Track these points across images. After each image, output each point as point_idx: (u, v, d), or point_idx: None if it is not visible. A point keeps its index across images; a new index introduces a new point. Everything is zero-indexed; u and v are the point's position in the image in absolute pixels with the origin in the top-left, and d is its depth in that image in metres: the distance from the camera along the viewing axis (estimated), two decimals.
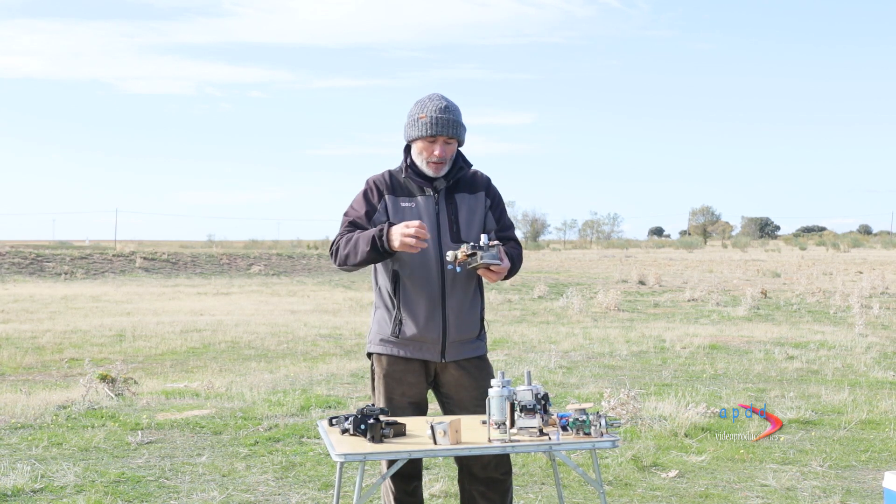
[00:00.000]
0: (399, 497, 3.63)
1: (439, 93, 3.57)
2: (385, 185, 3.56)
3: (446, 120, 3.46)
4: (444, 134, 3.46)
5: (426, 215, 3.49)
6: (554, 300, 20.93)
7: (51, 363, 11.01)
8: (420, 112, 3.49)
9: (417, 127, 3.48)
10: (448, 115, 3.47)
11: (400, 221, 3.43)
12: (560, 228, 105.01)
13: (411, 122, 3.51)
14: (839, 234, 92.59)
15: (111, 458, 5.70)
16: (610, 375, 9.42)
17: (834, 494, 4.99)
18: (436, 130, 3.45)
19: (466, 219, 3.54)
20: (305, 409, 7.26)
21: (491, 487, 3.57)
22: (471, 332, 3.60)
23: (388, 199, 3.52)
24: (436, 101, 3.50)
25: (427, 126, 3.45)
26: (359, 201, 3.57)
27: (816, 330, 14.12)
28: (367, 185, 3.58)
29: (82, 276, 32.33)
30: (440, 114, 3.46)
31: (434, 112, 3.46)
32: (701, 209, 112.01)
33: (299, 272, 36.78)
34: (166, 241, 75.69)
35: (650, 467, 5.53)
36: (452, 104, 3.53)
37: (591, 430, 3.13)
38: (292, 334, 14.16)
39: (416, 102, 3.55)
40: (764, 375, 9.42)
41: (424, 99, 3.54)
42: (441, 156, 3.47)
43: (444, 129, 3.45)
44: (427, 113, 3.47)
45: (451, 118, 3.48)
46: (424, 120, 3.46)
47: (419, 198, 3.52)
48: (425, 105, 3.50)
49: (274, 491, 5.02)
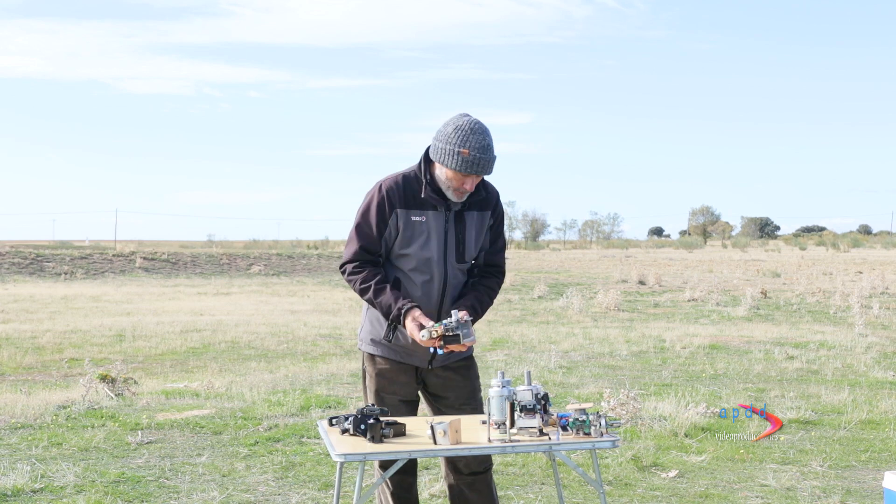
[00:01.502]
0: (396, 492, 3.68)
1: (475, 119, 3.41)
2: (398, 196, 3.46)
3: (486, 161, 3.36)
4: (481, 174, 3.39)
5: (435, 231, 3.49)
6: (554, 300, 20.94)
7: (51, 363, 11.01)
8: (462, 146, 3.34)
9: (455, 159, 3.35)
10: (488, 156, 3.36)
11: (410, 236, 3.46)
12: (560, 228, 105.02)
13: (449, 150, 3.36)
14: (839, 234, 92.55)
15: (111, 458, 5.70)
16: (610, 375, 9.42)
17: (834, 494, 4.99)
18: (474, 170, 3.36)
19: (472, 238, 3.56)
20: (305, 409, 7.27)
21: (477, 479, 3.66)
22: None
23: (400, 212, 3.46)
24: (478, 137, 3.35)
25: (467, 164, 3.34)
26: (371, 214, 3.48)
27: (816, 330, 14.12)
28: (380, 195, 3.47)
29: (82, 276, 32.33)
30: (481, 153, 3.34)
31: (476, 151, 3.33)
32: (701, 209, 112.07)
33: (299, 272, 36.79)
34: (166, 241, 75.70)
35: (650, 467, 5.53)
36: (490, 138, 3.39)
37: (591, 430, 3.13)
38: (292, 334, 14.16)
39: (456, 128, 3.37)
40: (764, 375, 9.42)
41: (465, 127, 3.37)
42: (470, 190, 3.44)
43: (482, 170, 3.37)
44: (470, 149, 3.33)
45: (491, 158, 3.37)
46: (466, 157, 3.33)
47: (430, 212, 3.48)
48: (467, 138, 3.34)
49: (274, 491, 5.02)
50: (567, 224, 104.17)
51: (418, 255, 3.48)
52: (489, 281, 3.64)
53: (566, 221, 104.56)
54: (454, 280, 3.54)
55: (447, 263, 3.51)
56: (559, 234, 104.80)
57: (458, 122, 3.39)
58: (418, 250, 3.48)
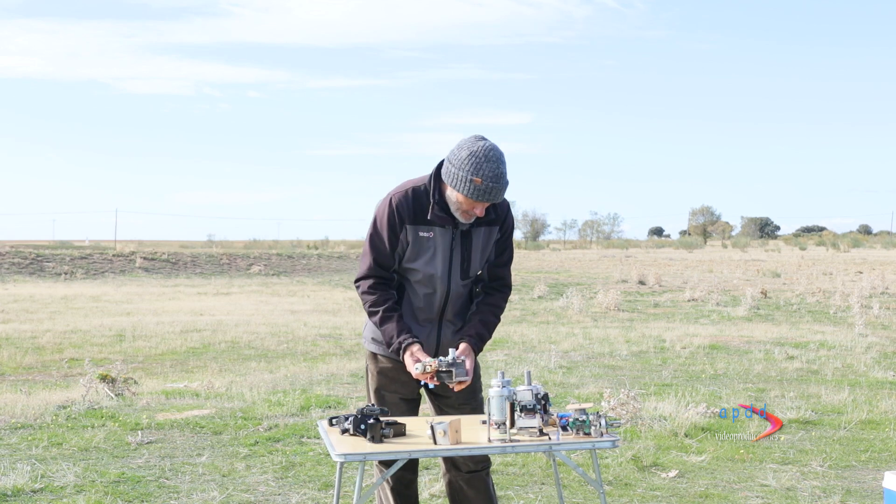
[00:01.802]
0: (396, 488, 3.70)
1: (490, 144, 3.34)
2: (408, 211, 3.45)
3: (499, 190, 3.32)
4: (492, 202, 3.37)
5: (441, 248, 3.49)
6: (554, 300, 20.93)
7: (51, 363, 11.01)
8: (474, 173, 3.29)
9: (467, 186, 3.31)
10: (500, 185, 3.32)
11: (418, 251, 3.48)
12: (560, 228, 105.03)
13: (462, 176, 3.31)
14: (839, 234, 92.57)
15: (111, 458, 5.70)
16: (610, 375, 9.42)
17: (834, 494, 4.99)
18: (485, 198, 3.33)
19: (478, 254, 3.57)
20: (305, 409, 7.27)
21: (475, 476, 3.69)
22: None
23: (409, 228, 3.47)
24: (492, 165, 3.29)
25: (479, 193, 3.31)
26: (383, 229, 3.48)
27: (816, 330, 14.12)
28: (391, 209, 3.46)
29: (82, 276, 32.33)
30: (493, 182, 3.29)
31: (489, 180, 3.29)
32: (701, 209, 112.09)
33: (299, 272, 36.79)
34: (166, 241, 75.69)
35: (650, 467, 5.53)
36: (504, 165, 3.34)
37: (591, 430, 3.13)
38: (292, 334, 14.16)
39: (470, 154, 3.31)
40: (764, 375, 9.42)
41: (479, 154, 3.31)
42: (480, 215, 3.42)
43: (493, 198, 3.34)
44: (482, 178, 3.28)
45: (503, 187, 3.34)
46: (478, 185, 3.29)
47: (438, 229, 3.48)
48: (480, 165, 3.29)
49: (274, 491, 5.02)
50: (567, 224, 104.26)
51: (423, 270, 3.51)
52: (494, 298, 3.64)
53: (566, 221, 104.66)
54: (456, 293, 3.57)
55: (451, 280, 3.54)
56: (559, 234, 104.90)
57: (473, 146, 3.33)
58: (424, 266, 3.50)
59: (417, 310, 3.56)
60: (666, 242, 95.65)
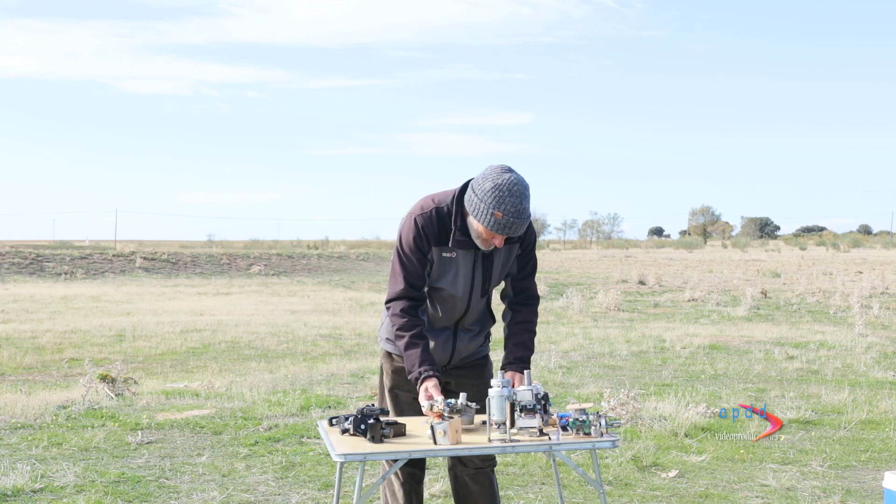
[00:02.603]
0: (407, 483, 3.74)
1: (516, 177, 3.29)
2: (433, 232, 3.44)
3: (520, 225, 3.30)
4: (510, 235, 3.35)
5: (463, 269, 3.51)
6: (554, 300, 20.94)
7: (51, 363, 11.00)
8: (497, 207, 3.25)
9: (488, 219, 3.28)
10: (522, 221, 3.29)
11: (442, 272, 3.50)
12: (560, 228, 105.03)
13: (483, 209, 3.28)
14: (839, 234, 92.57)
15: (111, 458, 5.70)
16: (610, 375, 9.42)
17: (834, 494, 4.99)
18: (506, 233, 3.31)
19: (498, 271, 3.59)
20: (305, 409, 7.26)
21: (479, 472, 3.72)
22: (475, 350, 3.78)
23: (434, 250, 3.48)
24: (515, 200, 3.25)
25: (499, 227, 3.28)
26: (411, 250, 3.47)
27: (816, 330, 14.12)
28: (417, 230, 3.45)
29: (82, 276, 32.32)
30: (515, 218, 3.26)
31: (510, 216, 3.26)
32: (701, 209, 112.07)
33: (299, 272, 36.78)
34: (166, 241, 75.62)
35: (650, 467, 5.53)
36: (528, 199, 3.30)
37: (591, 430, 3.13)
38: (292, 334, 14.16)
39: (494, 186, 3.26)
40: (764, 375, 9.42)
41: (503, 187, 3.25)
42: (499, 246, 3.42)
43: (514, 233, 3.33)
44: (504, 213, 3.25)
45: (524, 222, 3.31)
46: (499, 219, 3.26)
47: (460, 251, 3.49)
48: (503, 200, 3.24)
49: (274, 491, 5.02)
50: (567, 224, 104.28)
51: (447, 290, 3.54)
52: (524, 314, 3.67)
53: (566, 221, 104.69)
54: (475, 307, 3.63)
55: (472, 298, 3.58)
56: (559, 234, 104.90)
57: (498, 179, 3.28)
58: (447, 285, 3.53)
59: (435, 318, 3.60)
60: (666, 242, 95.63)
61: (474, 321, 3.68)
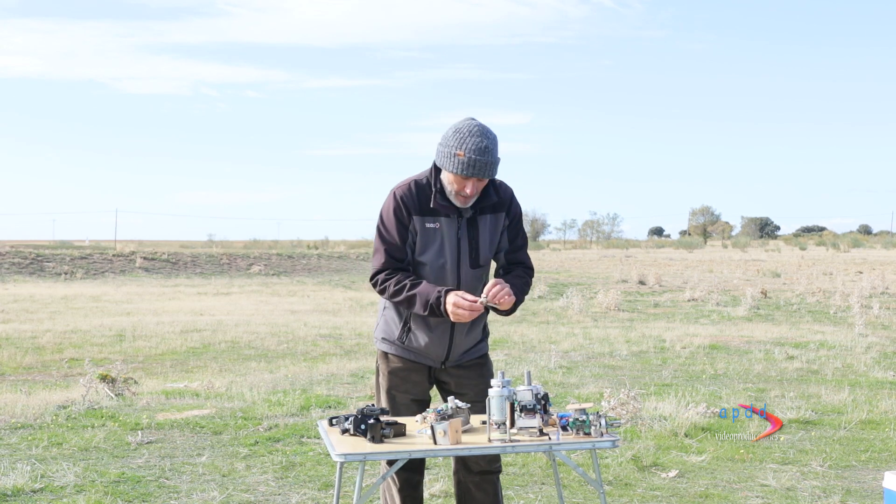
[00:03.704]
0: (403, 489, 3.70)
1: (478, 122, 3.38)
2: (412, 203, 3.47)
3: (483, 163, 3.32)
4: (478, 176, 3.35)
5: (448, 238, 3.50)
6: (554, 300, 20.93)
7: (51, 363, 11.00)
8: (458, 148, 3.32)
9: (452, 162, 3.34)
10: (485, 158, 3.31)
11: (426, 243, 3.48)
12: (560, 228, 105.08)
13: (447, 153, 3.36)
14: (839, 234, 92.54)
15: (111, 458, 5.70)
16: (610, 375, 9.42)
17: (834, 494, 4.99)
18: (470, 172, 3.33)
19: (486, 242, 3.56)
20: (305, 409, 7.26)
21: (485, 479, 3.68)
22: (473, 343, 3.71)
23: (416, 220, 3.48)
24: (476, 140, 3.32)
25: (462, 167, 3.32)
26: (391, 222, 3.49)
27: (816, 330, 14.12)
28: (396, 203, 3.48)
29: (82, 276, 32.32)
30: (477, 155, 3.30)
31: (472, 153, 3.30)
32: (701, 209, 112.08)
33: (299, 272, 36.78)
34: (166, 241, 75.66)
35: (650, 467, 5.53)
36: (491, 140, 3.35)
37: (591, 430, 3.13)
38: (292, 334, 14.15)
39: (455, 130, 3.36)
40: (764, 375, 9.42)
41: (464, 129, 3.35)
42: (472, 194, 3.42)
43: (478, 172, 3.33)
44: (465, 152, 3.31)
45: (488, 160, 3.33)
46: (461, 159, 3.31)
47: (443, 219, 3.49)
48: (464, 140, 3.32)
49: (274, 491, 5.02)
50: (567, 224, 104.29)
51: (433, 262, 3.50)
52: (517, 271, 3.63)
53: (566, 221, 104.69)
54: (468, 286, 3.55)
55: (461, 269, 3.52)
56: (559, 234, 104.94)
57: (460, 125, 3.37)
58: (433, 258, 3.50)
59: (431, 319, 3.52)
60: (666, 242, 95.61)
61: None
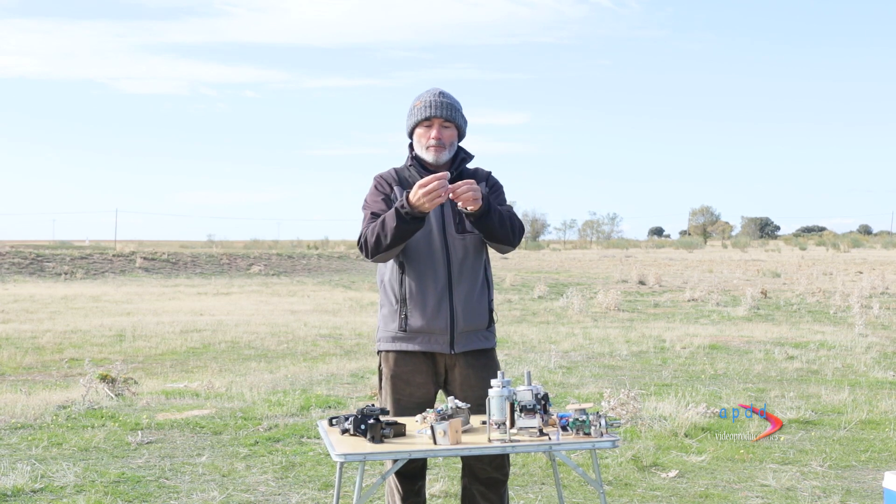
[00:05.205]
0: (405, 496, 3.67)
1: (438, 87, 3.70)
2: (393, 178, 3.66)
3: (441, 103, 3.58)
4: (439, 116, 3.57)
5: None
6: (554, 300, 20.93)
7: (51, 363, 11.00)
8: (416, 100, 3.64)
9: (414, 113, 3.62)
10: (443, 100, 3.60)
11: None
12: (560, 228, 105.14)
13: (409, 111, 3.65)
14: (839, 234, 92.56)
15: (111, 458, 5.70)
16: (610, 375, 9.42)
17: (834, 494, 4.99)
18: (430, 113, 3.57)
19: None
20: (305, 409, 7.26)
21: (491, 488, 3.64)
22: (480, 322, 3.60)
23: (397, 189, 3.60)
24: (432, 91, 3.64)
25: (422, 110, 3.59)
26: (373, 194, 3.65)
27: (816, 330, 14.12)
28: (377, 181, 3.68)
29: (82, 276, 32.31)
30: (434, 97, 3.60)
31: (429, 97, 3.61)
32: (701, 209, 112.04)
33: (299, 272, 36.78)
34: (166, 241, 75.67)
35: (650, 467, 5.53)
36: (449, 94, 3.66)
37: (591, 430, 3.13)
38: (292, 334, 14.15)
39: (416, 97, 3.69)
40: (764, 375, 9.42)
41: (423, 91, 3.68)
42: (437, 138, 3.57)
43: (438, 111, 3.57)
44: (422, 99, 3.61)
45: (447, 102, 3.60)
46: (420, 105, 3.60)
47: None
48: (422, 95, 3.65)
49: (274, 491, 5.02)
50: (567, 224, 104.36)
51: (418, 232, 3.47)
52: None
53: (566, 221, 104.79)
54: (457, 254, 3.53)
55: (447, 234, 3.55)
56: (559, 234, 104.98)
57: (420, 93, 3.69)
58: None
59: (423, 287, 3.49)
60: (666, 242, 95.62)
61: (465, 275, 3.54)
